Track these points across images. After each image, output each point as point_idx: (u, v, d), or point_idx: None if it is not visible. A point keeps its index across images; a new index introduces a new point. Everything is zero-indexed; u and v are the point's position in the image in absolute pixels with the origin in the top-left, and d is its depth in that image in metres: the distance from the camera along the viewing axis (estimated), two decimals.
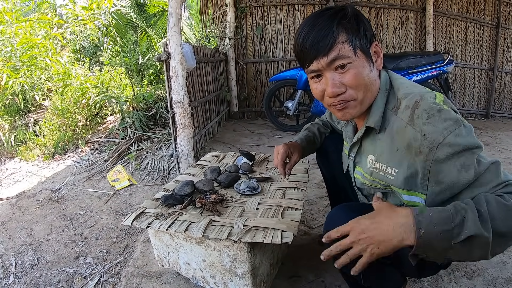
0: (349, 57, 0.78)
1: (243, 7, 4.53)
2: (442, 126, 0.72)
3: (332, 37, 0.78)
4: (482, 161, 0.73)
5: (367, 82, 0.81)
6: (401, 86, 0.84)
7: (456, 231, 0.63)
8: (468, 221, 0.63)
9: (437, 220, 0.65)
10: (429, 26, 4.46)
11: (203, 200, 1.20)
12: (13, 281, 1.51)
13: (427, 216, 0.66)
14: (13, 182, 2.71)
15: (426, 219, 0.65)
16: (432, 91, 0.81)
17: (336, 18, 0.79)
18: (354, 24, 0.79)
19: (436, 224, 0.64)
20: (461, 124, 0.73)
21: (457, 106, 4.88)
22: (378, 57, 0.84)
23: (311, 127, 1.33)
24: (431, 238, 0.64)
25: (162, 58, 2.36)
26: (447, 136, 0.71)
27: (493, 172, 0.71)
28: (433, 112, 0.73)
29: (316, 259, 1.46)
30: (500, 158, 2.95)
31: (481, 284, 1.31)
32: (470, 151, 0.71)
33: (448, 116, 0.73)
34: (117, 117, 3.77)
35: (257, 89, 4.78)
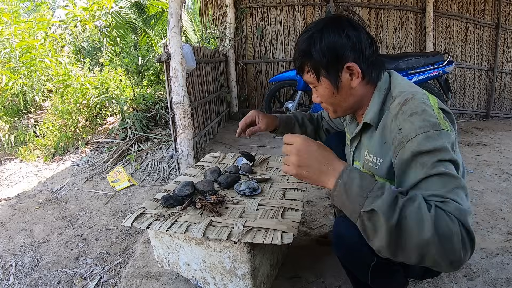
0: (313, 82, 0.92)
1: (243, 8, 4.54)
2: (418, 125, 0.75)
3: (300, 66, 0.93)
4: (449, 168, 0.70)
5: (333, 101, 0.93)
6: (398, 86, 0.88)
7: (367, 202, 0.66)
8: (381, 199, 0.65)
9: (357, 183, 0.69)
10: (429, 27, 4.47)
11: (203, 201, 1.20)
12: (13, 281, 1.51)
13: (352, 176, 0.70)
14: (13, 183, 2.71)
15: (350, 177, 0.70)
16: (426, 94, 0.83)
17: (309, 44, 0.87)
18: (322, 54, 0.86)
19: (355, 186, 0.69)
20: (438, 129, 0.73)
21: (457, 106, 4.89)
22: (355, 76, 0.88)
23: (296, 113, 1.41)
24: (345, 194, 0.69)
25: (162, 59, 2.36)
26: (418, 134, 0.74)
27: (443, 184, 0.69)
28: (417, 111, 0.77)
29: (316, 259, 1.46)
30: (500, 158, 2.96)
31: (481, 285, 1.30)
32: (432, 154, 0.71)
33: (428, 118, 0.75)
34: (117, 118, 3.77)
35: (257, 90, 4.79)
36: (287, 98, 4.21)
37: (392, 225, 0.64)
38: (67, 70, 3.76)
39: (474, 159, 2.94)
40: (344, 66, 0.87)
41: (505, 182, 2.38)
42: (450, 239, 0.63)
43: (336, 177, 0.71)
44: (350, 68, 0.87)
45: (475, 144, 3.47)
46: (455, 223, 0.63)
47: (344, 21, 0.88)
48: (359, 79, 0.88)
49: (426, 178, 0.71)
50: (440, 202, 0.66)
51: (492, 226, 1.76)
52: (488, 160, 2.90)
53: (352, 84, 0.89)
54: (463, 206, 0.66)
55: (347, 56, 0.86)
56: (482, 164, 2.79)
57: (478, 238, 1.63)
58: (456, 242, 0.63)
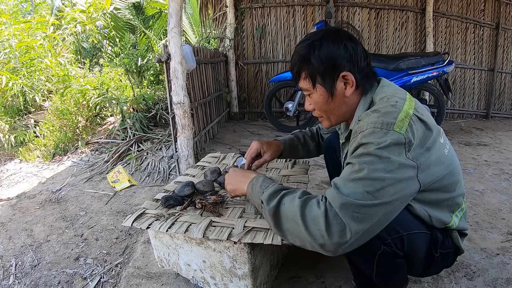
0: (308, 90, 0.97)
1: (243, 8, 4.54)
2: (372, 120, 0.80)
3: (296, 72, 0.97)
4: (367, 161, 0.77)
5: (326, 109, 0.98)
6: (381, 93, 0.93)
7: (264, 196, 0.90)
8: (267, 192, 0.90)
9: (259, 184, 0.96)
10: (429, 27, 4.47)
11: (203, 201, 1.20)
12: (13, 282, 1.51)
13: (257, 179, 0.98)
14: (13, 183, 2.71)
15: (256, 180, 0.98)
16: (405, 99, 0.87)
17: (308, 51, 0.92)
18: (320, 62, 0.90)
19: (258, 185, 0.96)
20: (387, 128, 0.77)
21: (457, 106, 4.89)
22: (349, 85, 0.93)
23: (298, 134, 1.45)
24: (252, 192, 0.97)
25: (162, 59, 2.36)
26: (367, 128, 0.80)
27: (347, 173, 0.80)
28: (379, 109, 0.83)
29: (316, 259, 1.46)
30: (500, 158, 2.96)
31: (481, 285, 1.30)
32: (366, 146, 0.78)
33: (385, 117, 0.80)
34: (117, 118, 3.77)
35: (257, 90, 4.79)
36: (287, 98, 4.21)
37: (270, 210, 0.86)
38: (66, 71, 3.77)
39: (474, 159, 2.94)
40: (340, 74, 0.91)
41: (505, 182, 2.38)
42: (314, 221, 0.76)
43: (248, 182, 1.00)
44: (345, 77, 0.92)
45: (475, 144, 3.47)
46: (321, 207, 0.76)
47: (343, 34, 0.94)
48: (353, 88, 0.93)
49: (347, 164, 0.82)
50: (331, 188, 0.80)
51: (492, 226, 1.76)
52: (488, 160, 2.90)
53: (346, 93, 0.94)
54: (343, 193, 0.75)
55: (343, 65, 0.91)
56: (482, 164, 2.79)
57: (478, 238, 1.63)
58: (320, 224, 0.75)
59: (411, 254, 0.92)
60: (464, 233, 1.05)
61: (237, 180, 1.06)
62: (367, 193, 0.74)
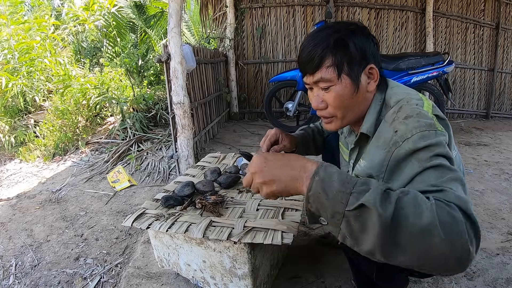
0: (331, 80, 0.83)
1: (243, 8, 4.54)
2: (413, 125, 0.74)
3: (318, 59, 0.82)
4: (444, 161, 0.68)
5: (347, 104, 0.86)
6: (394, 95, 0.88)
7: (352, 198, 0.58)
8: (370, 192, 0.57)
9: (337, 179, 0.60)
10: (429, 27, 4.47)
11: (203, 201, 1.20)
12: (13, 282, 1.51)
13: (329, 171, 0.62)
14: (13, 183, 2.71)
15: (327, 173, 0.62)
16: (422, 99, 0.84)
17: (331, 39, 0.82)
18: (347, 48, 0.82)
19: (335, 181, 0.60)
20: (433, 129, 0.73)
21: (457, 106, 4.89)
22: (372, 80, 0.87)
23: (307, 129, 1.35)
24: (323, 192, 0.60)
25: (162, 59, 2.36)
26: (414, 134, 0.73)
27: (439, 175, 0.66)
28: (411, 114, 0.77)
29: (316, 259, 1.46)
30: (500, 158, 2.95)
31: (481, 285, 1.30)
32: (428, 149, 0.70)
33: (423, 119, 0.75)
34: (117, 118, 3.77)
35: (257, 90, 4.78)
36: (287, 98, 4.20)
37: (388, 218, 0.55)
38: (67, 71, 3.77)
39: (474, 159, 2.94)
40: (367, 66, 0.85)
41: (505, 182, 2.38)
42: (454, 228, 0.55)
43: (310, 176, 0.62)
44: (370, 71, 0.86)
45: (475, 144, 3.47)
46: (456, 210, 0.57)
47: (367, 29, 0.89)
48: (376, 83, 0.88)
49: (422, 171, 0.68)
50: (438, 192, 0.62)
51: (492, 226, 1.76)
52: (488, 160, 2.89)
53: (369, 88, 0.87)
54: (462, 195, 0.61)
55: (370, 59, 0.86)
56: (482, 164, 2.79)
57: None
58: (462, 231, 0.55)
59: None
60: None
61: (282, 178, 0.66)
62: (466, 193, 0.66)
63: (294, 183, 0.65)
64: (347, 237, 0.60)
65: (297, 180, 0.64)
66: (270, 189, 0.67)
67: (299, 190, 0.65)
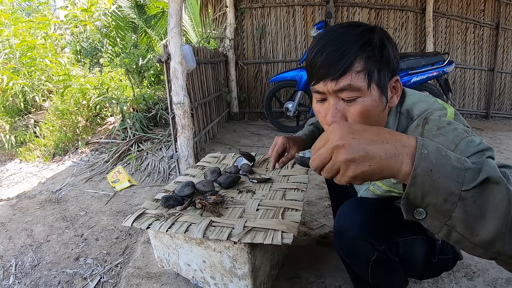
0: (361, 90, 0.69)
1: (243, 8, 4.54)
2: (453, 134, 0.67)
3: (348, 61, 0.68)
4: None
5: (373, 122, 0.71)
6: (414, 106, 0.80)
7: (468, 175, 0.46)
8: (488, 166, 0.46)
9: (449, 153, 0.48)
10: (429, 27, 4.47)
11: (203, 201, 1.20)
12: (13, 282, 1.51)
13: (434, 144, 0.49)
14: (13, 183, 2.71)
15: (433, 145, 0.48)
16: (445, 108, 0.78)
17: (360, 40, 0.69)
18: (378, 53, 0.70)
19: (445, 155, 0.47)
20: (472, 134, 0.69)
21: (457, 106, 4.89)
22: (395, 94, 0.77)
23: (317, 123, 1.26)
24: (436, 169, 0.46)
25: (162, 59, 2.36)
26: (458, 143, 0.66)
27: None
28: (443, 125, 0.70)
29: (316, 259, 1.46)
30: (500, 158, 2.95)
31: (481, 285, 1.30)
32: (480, 153, 0.64)
33: (458, 126, 0.70)
34: (117, 118, 3.77)
35: (257, 90, 4.79)
36: (287, 98, 4.21)
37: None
38: (67, 70, 3.77)
39: None
40: (393, 78, 0.75)
41: None
42: None
43: (413, 151, 0.47)
44: (395, 84, 0.76)
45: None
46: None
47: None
48: (398, 98, 0.78)
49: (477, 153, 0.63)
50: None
51: None
52: None
53: (391, 103, 0.76)
54: None
55: (397, 70, 0.76)
56: None
57: None
58: None
59: (408, 259, 0.91)
60: None
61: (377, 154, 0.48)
62: None
63: (392, 161, 0.48)
64: (457, 227, 0.47)
65: (396, 156, 0.48)
66: (361, 169, 0.48)
67: (397, 170, 0.48)
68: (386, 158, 0.48)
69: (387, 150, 0.48)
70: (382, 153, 0.48)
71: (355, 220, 0.85)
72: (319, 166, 0.52)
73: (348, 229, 0.87)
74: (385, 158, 0.48)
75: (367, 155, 0.48)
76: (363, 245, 0.84)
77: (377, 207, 0.88)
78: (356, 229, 0.84)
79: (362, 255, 0.87)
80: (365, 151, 0.48)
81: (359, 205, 0.90)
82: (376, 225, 0.85)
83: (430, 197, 0.46)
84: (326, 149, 0.50)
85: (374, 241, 0.84)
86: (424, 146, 0.47)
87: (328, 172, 0.52)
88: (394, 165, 0.48)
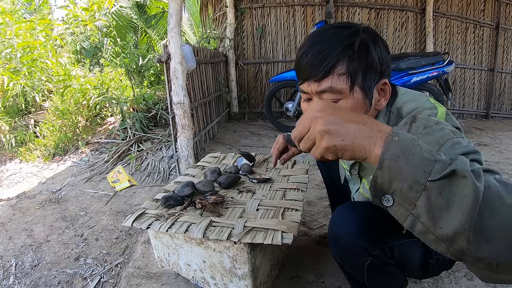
0: (342, 93, 0.71)
1: (243, 8, 4.54)
2: (439, 134, 0.67)
3: (329, 64, 0.69)
4: None
5: None
6: (404, 105, 0.81)
7: (437, 166, 0.47)
8: (459, 160, 0.47)
9: (420, 143, 0.49)
10: (429, 27, 4.47)
11: (203, 201, 1.20)
12: (13, 282, 1.51)
13: (408, 135, 0.50)
14: (13, 183, 2.71)
15: (406, 135, 0.50)
16: (435, 107, 0.78)
17: (344, 42, 0.70)
18: (362, 56, 0.71)
19: (416, 145, 0.48)
20: (459, 135, 0.68)
21: (457, 106, 4.89)
22: (383, 97, 0.78)
23: None
24: (404, 156, 0.47)
25: (162, 59, 2.36)
26: (443, 143, 0.65)
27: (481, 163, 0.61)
28: (430, 124, 0.70)
29: (316, 260, 1.46)
30: (500, 158, 2.95)
31: (481, 285, 1.30)
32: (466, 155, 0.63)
33: (445, 126, 0.69)
34: (117, 118, 3.77)
35: (257, 90, 4.79)
36: (287, 98, 4.21)
37: (480, 192, 0.45)
38: (67, 71, 3.77)
39: None
40: (380, 81, 0.76)
41: None
42: None
43: (387, 136, 0.50)
44: (383, 87, 0.77)
45: (475, 144, 3.47)
46: None
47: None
48: (386, 100, 0.78)
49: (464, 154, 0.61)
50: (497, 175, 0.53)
51: None
52: (488, 160, 2.89)
53: (378, 106, 0.78)
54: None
55: (385, 73, 0.76)
56: None
57: None
58: None
59: (403, 261, 0.91)
60: None
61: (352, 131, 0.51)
62: None
63: (365, 141, 0.50)
64: (422, 217, 0.47)
65: (370, 138, 0.50)
66: (333, 141, 0.51)
67: (369, 152, 0.50)
68: (360, 137, 0.50)
69: (362, 131, 0.51)
70: (357, 132, 0.51)
71: (349, 226, 0.85)
72: (297, 136, 0.55)
73: (341, 235, 0.86)
74: (359, 137, 0.50)
75: (342, 130, 0.51)
76: (357, 250, 0.84)
77: (371, 212, 0.87)
78: (349, 234, 0.84)
79: (356, 260, 0.87)
80: (341, 126, 0.51)
81: (353, 210, 0.89)
82: (370, 230, 0.85)
83: (396, 183, 0.48)
84: (306, 119, 0.54)
85: (368, 246, 0.84)
86: (397, 134, 0.49)
87: (305, 143, 0.54)
88: (366, 145, 0.50)
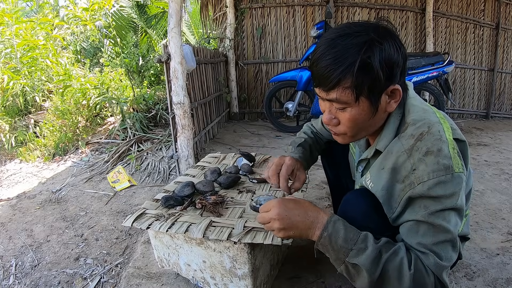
0: (348, 103, 0.76)
1: (243, 8, 4.54)
2: (431, 168, 0.72)
3: (336, 79, 0.73)
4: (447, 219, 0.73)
5: (362, 126, 0.81)
6: (413, 112, 0.81)
7: (352, 253, 0.73)
8: (365, 254, 0.72)
9: (342, 236, 0.74)
10: (429, 27, 4.47)
11: (204, 201, 1.20)
12: (13, 282, 1.51)
13: (337, 228, 0.75)
14: (14, 183, 2.71)
15: (335, 229, 0.75)
16: (441, 123, 0.78)
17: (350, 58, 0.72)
18: (370, 70, 0.72)
19: (339, 238, 0.74)
20: (450, 172, 0.71)
21: (457, 106, 4.89)
22: (393, 99, 0.79)
23: (304, 144, 1.22)
24: (330, 245, 0.75)
25: (162, 59, 2.36)
26: (430, 179, 0.72)
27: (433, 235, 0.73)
28: (432, 150, 0.73)
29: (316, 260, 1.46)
30: (500, 158, 2.95)
31: (481, 285, 1.30)
32: (438, 201, 0.72)
33: (442, 160, 0.72)
34: (117, 118, 3.77)
35: (257, 90, 4.79)
36: (287, 98, 4.21)
37: (374, 278, 0.72)
38: (67, 70, 3.77)
39: (474, 159, 2.94)
40: (390, 87, 0.76)
41: (505, 182, 2.38)
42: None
43: (321, 229, 0.77)
44: (393, 91, 0.77)
45: (475, 144, 3.47)
46: (430, 276, 0.73)
47: (396, 34, 0.77)
48: (397, 103, 0.80)
49: (422, 222, 0.74)
50: (422, 254, 0.73)
51: (492, 226, 1.76)
52: (488, 160, 2.90)
53: (388, 108, 0.80)
54: (442, 261, 0.73)
55: (395, 78, 0.76)
56: (482, 164, 2.79)
57: (478, 238, 1.63)
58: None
59: None
60: (466, 238, 1.04)
61: (299, 226, 0.78)
62: (454, 252, 0.76)
63: (307, 232, 0.79)
64: (345, 274, 0.77)
65: (311, 229, 0.78)
66: (287, 234, 0.80)
67: (310, 237, 0.79)
68: (304, 229, 0.79)
69: (307, 225, 0.78)
70: (302, 226, 0.79)
71: (359, 208, 0.86)
72: (261, 222, 0.84)
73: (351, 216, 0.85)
74: (304, 230, 0.79)
75: (292, 227, 0.79)
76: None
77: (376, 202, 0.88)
78: (359, 216, 0.84)
79: None
80: (292, 224, 0.79)
81: (363, 195, 0.89)
82: (377, 216, 0.84)
83: (327, 255, 0.79)
84: (268, 216, 0.81)
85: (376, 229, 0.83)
86: (327, 228, 0.76)
87: (266, 227, 0.84)
88: (309, 234, 0.79)
